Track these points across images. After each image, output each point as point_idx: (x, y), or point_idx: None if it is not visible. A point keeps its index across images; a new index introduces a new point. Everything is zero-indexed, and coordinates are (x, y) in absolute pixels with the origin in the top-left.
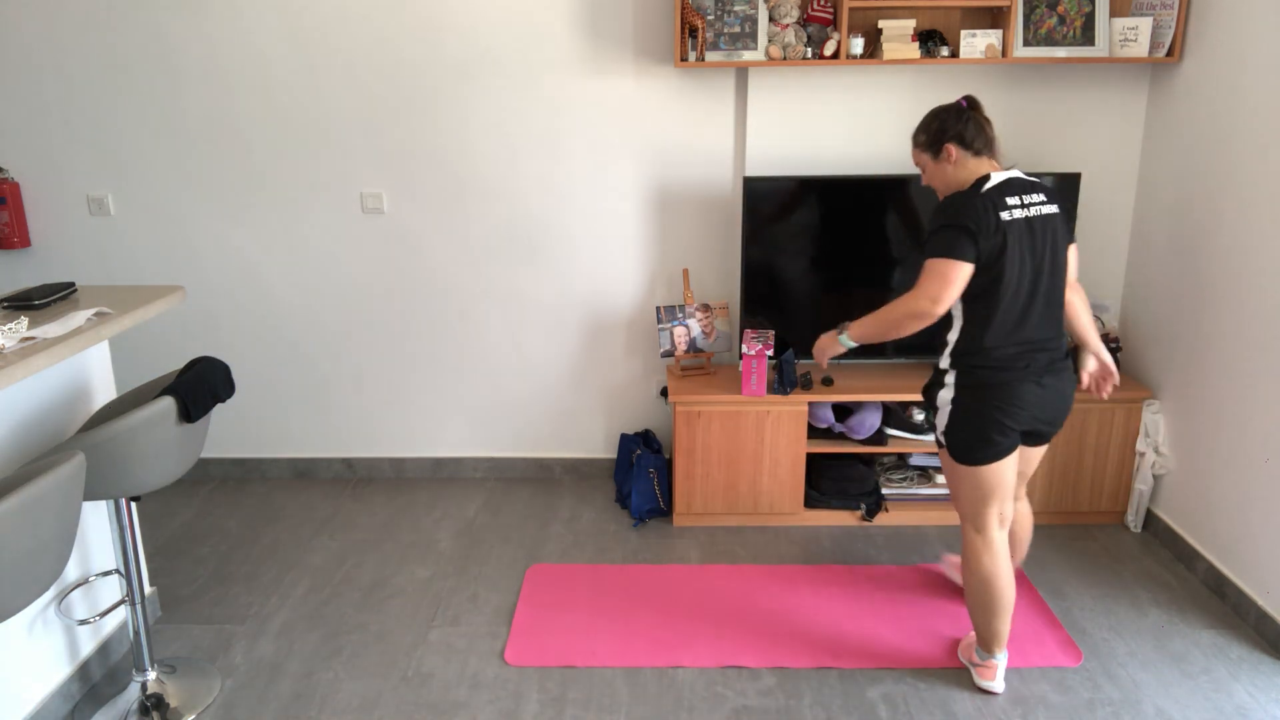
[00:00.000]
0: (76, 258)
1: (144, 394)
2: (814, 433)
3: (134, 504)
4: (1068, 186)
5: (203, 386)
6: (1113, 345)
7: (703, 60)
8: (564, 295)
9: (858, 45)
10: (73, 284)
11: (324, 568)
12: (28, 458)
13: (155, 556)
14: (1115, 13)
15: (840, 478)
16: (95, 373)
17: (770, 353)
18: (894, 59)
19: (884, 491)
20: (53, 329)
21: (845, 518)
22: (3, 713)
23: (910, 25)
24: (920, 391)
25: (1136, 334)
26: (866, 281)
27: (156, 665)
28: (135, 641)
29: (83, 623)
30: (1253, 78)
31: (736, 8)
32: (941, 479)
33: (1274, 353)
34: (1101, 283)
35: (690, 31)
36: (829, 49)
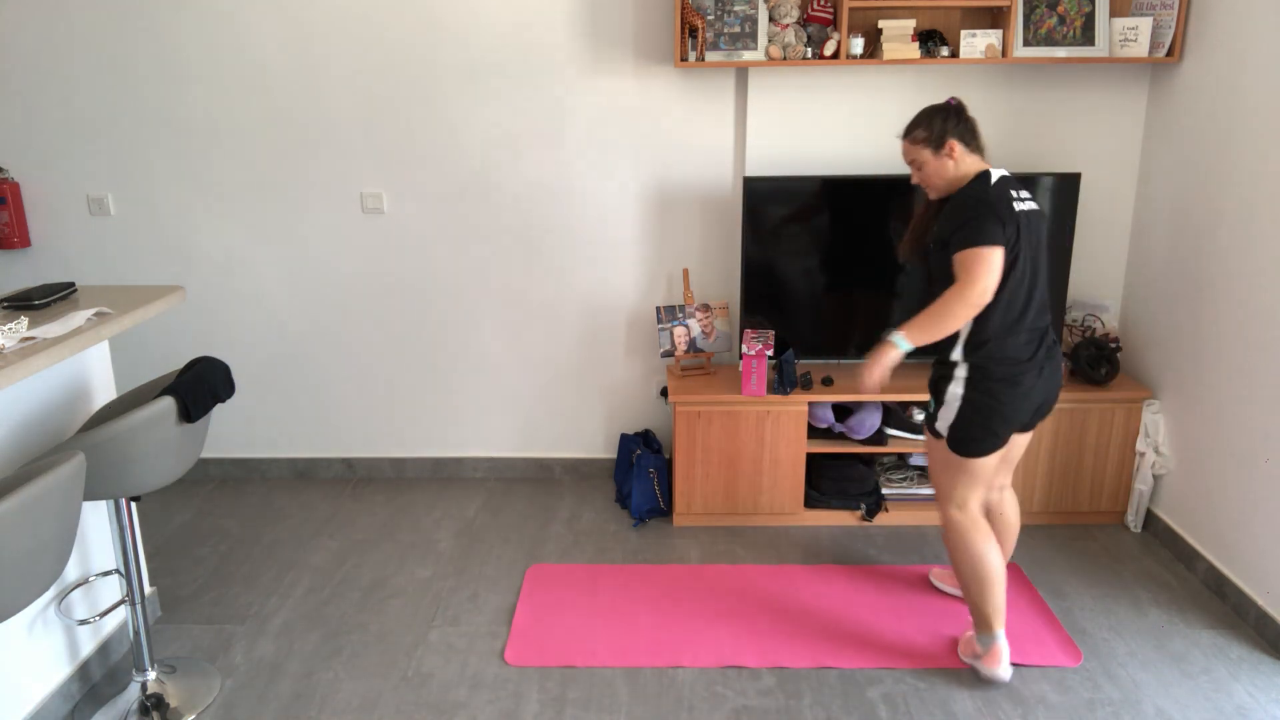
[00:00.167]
0: (76, 258)
1: (144, 394)
2: (814, 433)
3: (134, 504)
4: (1068, 186)
5: (203, 386)
6: (1113, 345)
7: (703, 60)
8: (564, 295)
9: (858, 45)
10: (73, 284)
11: (324, 568)
12: (28, 458)
13: (155, 556)
14: (1115, 13)
15: (840, 478)
16: (95, 373)
17: (770, 353)
18: (894, 59)
19: (884, 491)
20: (53, 329)
21: (845, 518)
22: (3, 713)
23: (910, 25)
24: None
25: (1136, 334)
26: (867, 281)
27: (156, 665)
28: (135, 641)
29: (83, 623)
30: (1253, 78)
31: (736, 8)
32: None
33: (1274, 353)
34: (1101, 283)
35: (690, 31)
36: (829, 49)
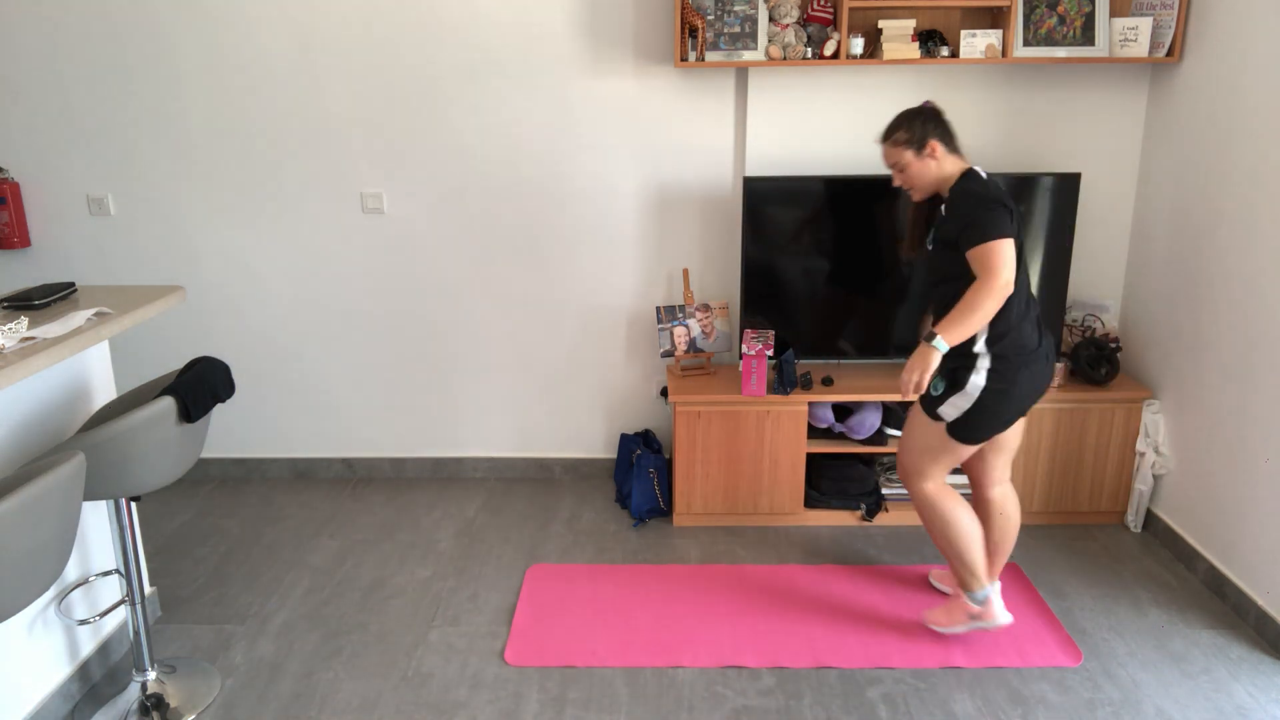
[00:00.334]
0: (76, 258)
1: (144, 394)
2: (814, 433)
3: (134, 504)
4: (1068, 186)
5: (203, 386)
6: (1113, 345)
7: (703, 60)
8: (564, 295)
9: (858, 45)
10: (73, 284)
11: (324, 568)
12: (28, 458)
13: (155, 556)
14: (1115, 13)
15: (840, 478)
16: (95, 373)
17: (770, 353)
18: (894, 59)
19: (884, 491)
20: (53, 329)
21: (845, 518)
22: (3, 713)
23: (910, 25)
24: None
25: (1136, 334)
26: (867, 281)
27: (156, 665)
28: (135, 641)
29: (83, 623)
30: (1253, 78)
31: (736, 8)
32: None
33: (1274, 353)
34: (1101, 283)
35: (690, 31)
36: (829, 49)
